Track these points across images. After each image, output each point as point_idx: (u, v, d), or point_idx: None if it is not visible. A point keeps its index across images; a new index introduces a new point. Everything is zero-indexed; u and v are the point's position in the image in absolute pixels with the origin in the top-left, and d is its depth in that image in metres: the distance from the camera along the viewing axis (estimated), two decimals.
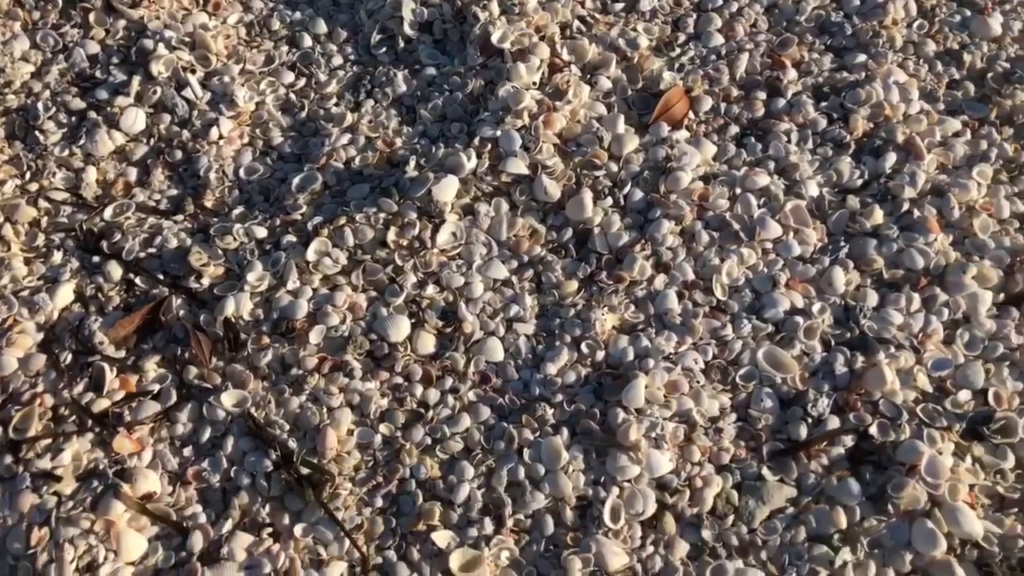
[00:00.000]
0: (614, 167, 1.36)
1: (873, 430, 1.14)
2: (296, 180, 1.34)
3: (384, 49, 1.50)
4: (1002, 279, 1.27)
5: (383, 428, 1.14)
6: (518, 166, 1.33)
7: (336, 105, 1.44)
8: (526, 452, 1.12)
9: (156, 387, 1.17)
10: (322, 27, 1.55)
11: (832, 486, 1.11)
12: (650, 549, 1.07)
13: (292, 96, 1.47)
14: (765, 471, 1.13)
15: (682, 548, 1.07)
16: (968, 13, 1.58)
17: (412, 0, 1.49)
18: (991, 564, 1.05)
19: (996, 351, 1.21)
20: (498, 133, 1.35)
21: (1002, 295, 1.27)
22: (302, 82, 1.48)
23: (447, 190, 1.29)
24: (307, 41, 1.54)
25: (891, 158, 1.38)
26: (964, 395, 1.17)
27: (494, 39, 1.42)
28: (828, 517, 1.08)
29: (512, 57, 1.43)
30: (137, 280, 1.26)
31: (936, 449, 1.11)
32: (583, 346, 1.21)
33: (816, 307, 1.25)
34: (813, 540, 1.08)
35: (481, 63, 1.44)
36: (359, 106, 1.44)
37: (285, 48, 1.53)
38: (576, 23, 1.52)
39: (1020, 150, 1.41)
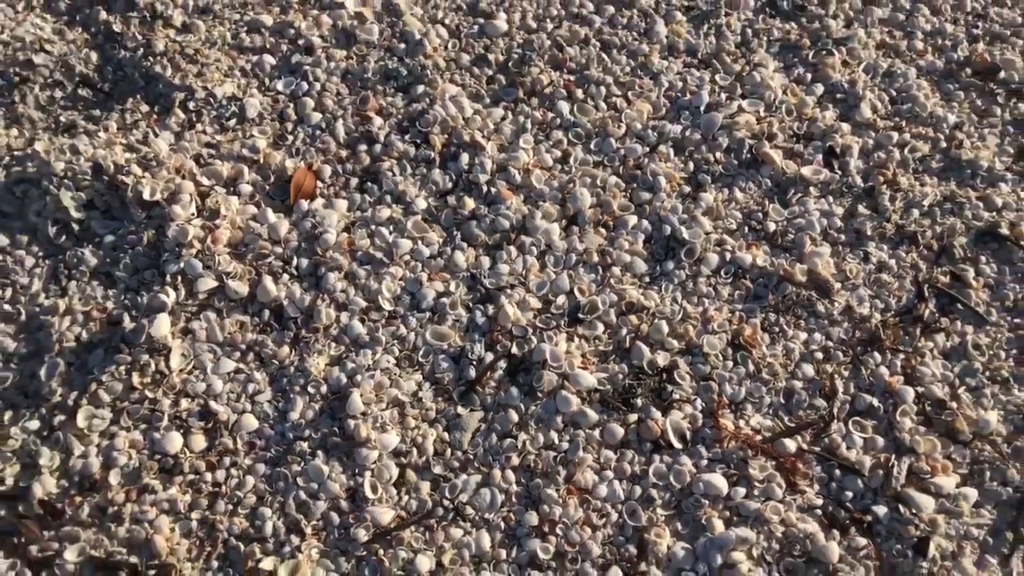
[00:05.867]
0: (279, 249, 1.79)
1: (514, 350, 1.67)
2: (43, 372, 1.65)
3: (64, 237, 1.81)
4: (560, 210, 1.84)
5: (195, 515, 1.53)
6: (207, 283, 1.72)
7: (47, 298, 1.75)
8: (299, 480, 1.56)
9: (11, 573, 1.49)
10: (2, 240, 1.82)
11: (502, 397, 1.64)
12: (405, 498, 1.55)
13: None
14: (460, 409, 1.63)
15: (425, 487, 1.56)
16: (482, 20, 2.12)
17: (67, 190, 1.81)
18: (606, 398, 1.63)
19: (572, 260, 1.78)
20: (182, 265, 1.73)
21: (564, 220, 1.84)
22: (8, 292, 1.76)
23: (161, 326, 1.66)
24: None
25: (465, 157, 1.90)
26: (561, 299, 1.73)
27: (146, 196, 1.78)
28: (506, 419, 1.61)
29: (167, 203, 1.79)
30: None
31: (554, 343, 1.67)
32: (309, 388, 1.64)
33: (452, 285, 1.75)
34: (502, 438, 1.60)
35: (146, 217, 1.80)
36: (65, 291, 1.75)
37: None
38: (205, 151, 1.90)
39: (546, 112, 1.98)
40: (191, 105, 1.97)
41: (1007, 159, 1.89)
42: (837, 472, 1.55)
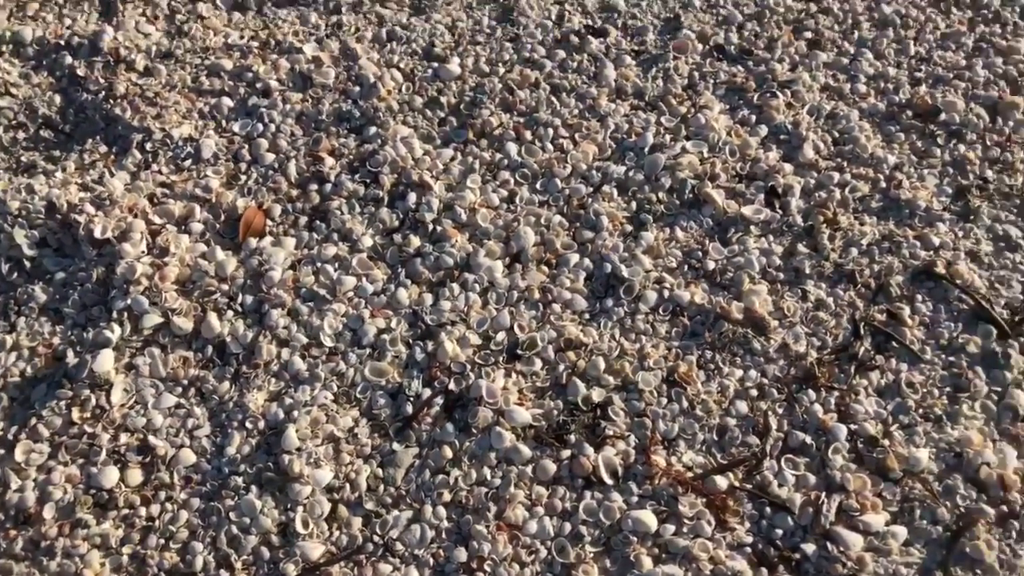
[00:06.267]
0: (225, 287, 1.82)
1: (452, 386, 1.69)
2: None
3: (16, 274, 1.85)
4: (504, 248, 1.87)
5: (126, 550, 1.54)
6: (153, 320, 1.75)
7: None
8: (232, 514, 1.57)
9: None
10: None
11: (437, 434, 1.65)
12: (336, 534, 1.56)
13: None
14: (395, 445, 1.64)
15: (356, 522, 1.57)
16: (436, 64, 2.18)
17: (21, 228, 1.85)
18: (540, 434, 1.64)
19: (513, 297, 1.80)
20: (128, 302, 1.77)
21: (508, 258, 1.87)
22: None
23: (105, 362, 1.69)
24: None
25: (412, 196, 1.94)
26: (500, 336, 1.75)
27: (97, 234, 1.82)
28: (440, 455, 1.62)
29: (118, 240, 1.83)
30: None
31: (491, 380, 1.68)
32: (247, 424, 1.66)
33: (394, 322, 1.78)
34: (435, 474, 1.61)
35: (96, 254, 1.84)
36: (14, 327, 1.78)
37: None
38: (159, 190, 1.95)
39: (495, 153, 2.02)
40: (148, 146, 2.02)
41: (945, 199, 1.92)
42: (768, 509, 1.55)
